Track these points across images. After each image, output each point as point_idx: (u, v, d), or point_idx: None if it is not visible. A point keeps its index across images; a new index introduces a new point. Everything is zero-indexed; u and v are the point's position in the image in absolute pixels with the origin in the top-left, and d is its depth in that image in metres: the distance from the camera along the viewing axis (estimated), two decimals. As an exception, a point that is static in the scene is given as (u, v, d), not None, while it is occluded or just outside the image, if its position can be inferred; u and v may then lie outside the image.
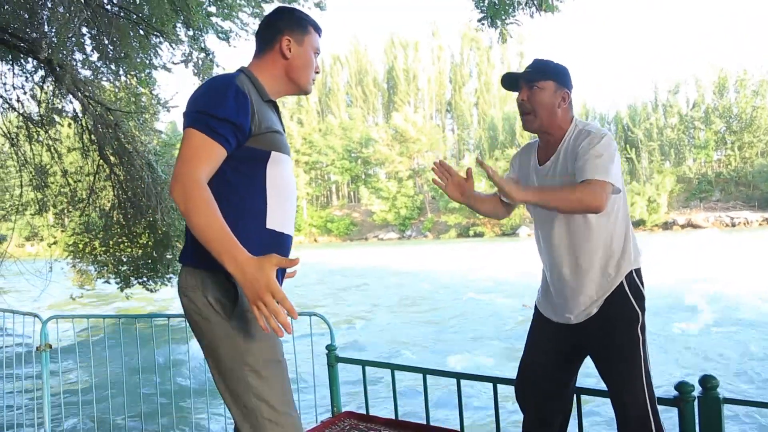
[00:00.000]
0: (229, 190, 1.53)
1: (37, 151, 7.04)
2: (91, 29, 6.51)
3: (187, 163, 1.42)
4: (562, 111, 2.06)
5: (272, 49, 1.71)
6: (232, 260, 1.34)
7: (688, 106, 63.21)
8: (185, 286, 1.55)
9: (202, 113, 1.48)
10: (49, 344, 3.05)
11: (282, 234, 1.61)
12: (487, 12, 3.55)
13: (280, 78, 1.72)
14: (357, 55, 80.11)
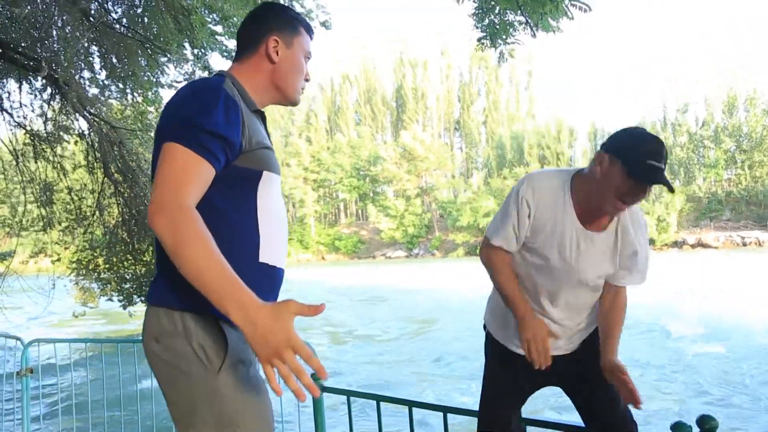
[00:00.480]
0: (217, 218, 1.28)
1: (43, 167, 7.07)
2: (99, 48, 6.57)
3: (172, 186, 1.18)
4: None
5: (257, 51, 1.48)
6: (240, 308, 1.08)
7: (697, 124, 63.05)
8: (159, 331, 1.27)
9: (186, 124, 1.24)
10: (30, 369, 2.98)
11: (275, 268, 1.39)
12: (486, 32, 3.54)
13: (265, 85, 1.49)
14: (366, 74, 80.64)
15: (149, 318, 1.31)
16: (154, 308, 1.30)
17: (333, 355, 10.60)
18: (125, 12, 6.68)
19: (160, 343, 1.27)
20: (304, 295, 23.53)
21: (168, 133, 1.25)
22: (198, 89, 1.31)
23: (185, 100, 1.29)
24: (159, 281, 1.32)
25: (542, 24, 3.29)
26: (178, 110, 1.28)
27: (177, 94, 1.34)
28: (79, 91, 6.22)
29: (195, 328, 1.25)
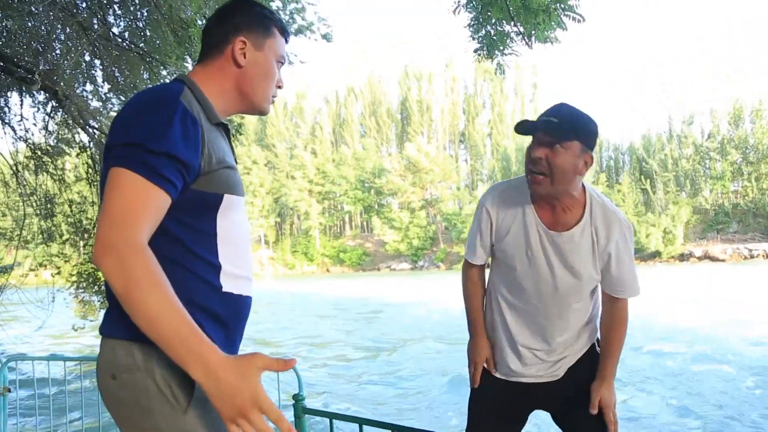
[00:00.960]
0: (173, 248, 1.15)
1: (44, 180, 7.07)
2: (101, 61, 6.59)
3: (120, 221, 1.02)
4: (580, 177, 1.74)
5: (222, 53, 1.31)
6: (200, 363, 0.98)
7: (703, 136, 62.92)
8: (115, 366, 1.12)
9: (135, 146, 1.07)
10: (7, 388, 2.91)
11: (241, 296, 1.25)
12: (483, 43, 3.51)
13: (230, 91, 1.32)
14: (371, 86, 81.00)
15: (104, 353, 1.16)
16: (109, 341, 1.15)
17: (319, 370, 10.45)
18: (127, 26, 6.71)
19: (117, 379, 1.12)
20: (304, 307, 23.46)
21: (115, 156, 1.08)
22: (151, 102, 1.14)
23: (135, 115, 1.12)
24: (113, 311, 1.16)
25: (537, 35, 3.26)
26: (127, 128, 1.11)
27: (127, 106, 1.16)
28: (79, 104, 6.22)
29: (157, 361, 1.09)
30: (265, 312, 21.14)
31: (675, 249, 55.30)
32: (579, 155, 1.67)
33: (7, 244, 7.83)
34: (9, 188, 7.69)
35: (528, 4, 3.06)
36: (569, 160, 1.65)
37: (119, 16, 6.59)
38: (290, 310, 22.75)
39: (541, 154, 1.66)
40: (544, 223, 1.81)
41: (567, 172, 1.67)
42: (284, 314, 21.07)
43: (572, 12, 3.20)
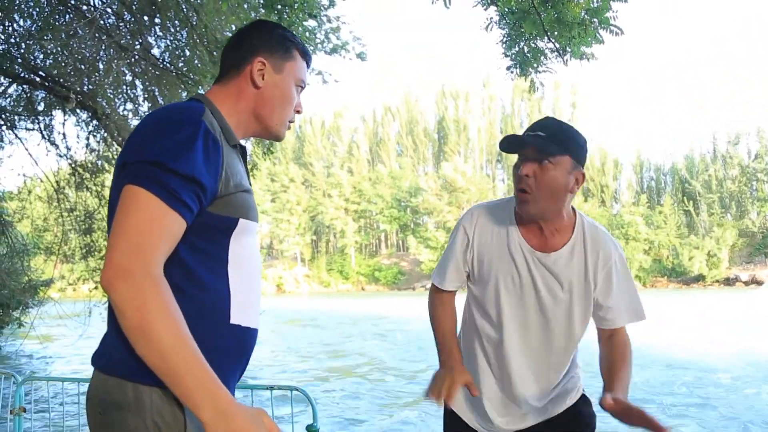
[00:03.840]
0: (183, 274, 1.09)
1: (84, 197, 7.24)
2: (142, 81, 6.76)
3: (137, 246, 0.97)
4: (570, 196, 1.60)
5: (240, 73, 1.27)
6: (212, 404, 0.95)
7: (749, 157, 61.13)
8: (103, 402, 1.07)
9: (154, 165, 1.02)
10: (23, 407, 2.91)
11: (248, 329, 1.20)
12: (516, 60, 3.43)
13: (246, 113, 1.27)
14: (408, 105, 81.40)
15: (95, 384, 1.11)
16: (101, 375, 1.10)
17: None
18: (166, 47, 6.87)
19: (104, 416, 1.07)
20: (328, 324, 23.41)
21: (132, 173, 1.03)
22: (171, 119, 1.09)
23: (155, 132, 1.07)
24: (110, 342, 1.11)
25: (573, 50, 3.15)
26: (145, 145, 1.05)
27: (148, 120, 1.12)
28: (119, 123, 6.37)
29: (150, 402, 1.04)
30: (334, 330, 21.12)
31: (720, 273, 53.55)
32: (570, 171, 1.55)
33: (46, 260, 8.02)
34: (51, 204, 7.90)
35: (562, 17, 2.96)
36: (559, 177, 1.53)
37: (159, 38, 6.76)
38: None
39: (529, 171, 1.54)
40: (530, 245, 1.66)
41: (557, 190, 1.55)
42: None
43: (608, 25, 3.09)
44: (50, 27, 5.74)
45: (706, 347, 13.98)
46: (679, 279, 55.92)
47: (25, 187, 8.26)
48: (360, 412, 8.77)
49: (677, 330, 17.48)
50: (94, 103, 6.09)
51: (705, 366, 11.67)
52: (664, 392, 9.30)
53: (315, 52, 6.97)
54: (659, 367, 11.23)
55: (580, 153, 1.58)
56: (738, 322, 20.10)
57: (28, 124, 7.29)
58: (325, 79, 7.01)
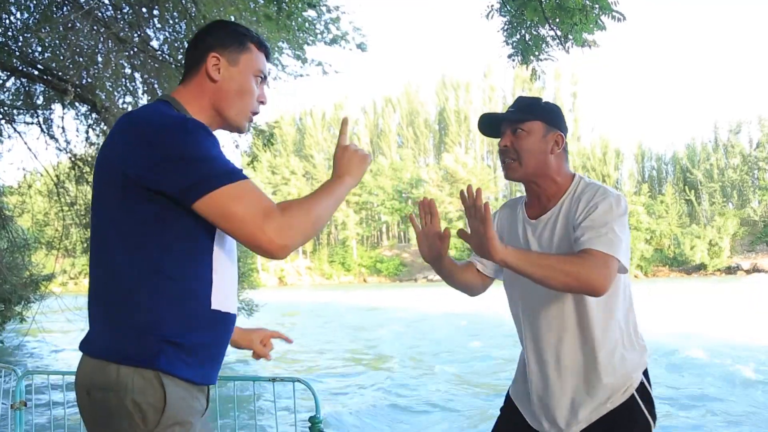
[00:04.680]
0: (174, 262, 1.19)
1: (84, 191, 7.22)
2: (142, 74, 6.72)
3: (258, 218, 1.13)
4: (555, 158, 1.69)
5: (198, 71, 1.34)
6: (345, 186, 1.33)
7: (751, 146, 60.97)
8: (90, 384, 1.18)
9: (204, 164, 1.14)
10: (24, 402, 2.92)
11: (228, 314, 1.29)
12: (518, 48, 3.39)
13: (207, 109, 1.34)
14: (408, 96, 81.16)
15: (83, 368, 1.22)
16: (87, 358, 1.21)
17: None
18: (165, 39, 6.82)
19: (91, 396, 1.17)
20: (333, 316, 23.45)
21: (191, 188, 1.13)
22: (167, 124, 1.18)
23: (173, 140, 1.16)
24: (95, 328, 1.23)
25: (575, 37, 3.11)
26: (175, 153, 1.14)
27: (137, 132, 1.19)
28: (118, 116, 6.32)
29: (132, 383, 1.14)
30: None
31: (721, 261, 53.55)
32: (544, 135, 1.69)
33: (47, 254, 8.01)
34: (51, 198, 7.89)
35: (563, 3, 2.92)
36: (534, 141, 1.68)
37: (158, 29, 6.71)
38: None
39: (507, 141, 1.70)
40: (529, 216, 1.78)
41: (534, 153, 1.67)
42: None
43: (610, 10, 3.04)
44: (48, 19, 5.69)
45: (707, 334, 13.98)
46: (681, 268, 55.92)
47: (25, 182, 8.24)
48: (363, 404, 8.78)
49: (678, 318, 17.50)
50: (93, 96, 6.05)
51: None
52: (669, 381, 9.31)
53: (314, 42, 6.91)
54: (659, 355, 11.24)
55: (551, 117, 1.71)
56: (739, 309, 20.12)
57: (26, 117, 7.26)
58: (325, 70, 6.96)
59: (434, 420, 7.75)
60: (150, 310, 1.16)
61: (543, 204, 1.73)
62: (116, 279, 1.18)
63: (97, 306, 1.23)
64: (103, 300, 1.21)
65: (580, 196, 1.65)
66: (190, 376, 1.19)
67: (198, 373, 1.21)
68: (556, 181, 1.71)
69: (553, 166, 1.70)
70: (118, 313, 1.18)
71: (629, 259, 1.58)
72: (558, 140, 1.70)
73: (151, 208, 1.16)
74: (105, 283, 1.21)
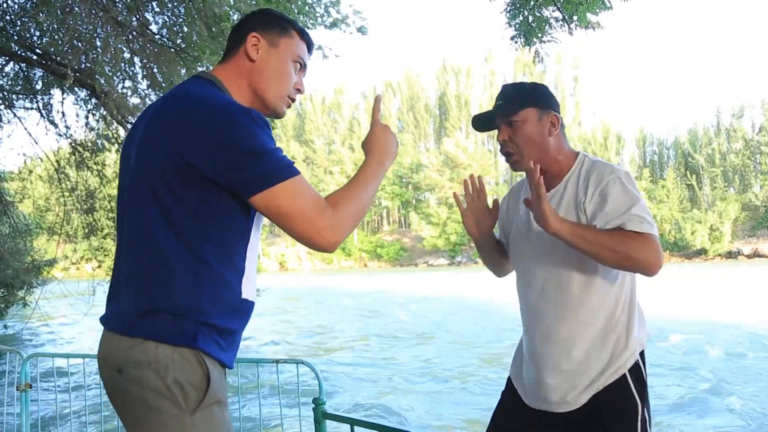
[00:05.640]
0: (214, 253, 1.20)
1: (85, 176, 7.20)
2: (141, 58, 6.67)
3: (310, 213, 1.16)
4: (555, 139, 1.70)
5: (238, 50, 1.35)
6: (383, 168, 1.38)
7: (753, 130, 60.68)
8: (123, 360, 1.14)
9: (261, 158, 1.15)
10: (29, 384, 2.94)
11: (252, 303, 1.31)
12: (520, 29, 3.35)
13: (245, 89, 1.34)
14: (409, 81, 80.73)
15: (111, 346, 1.18)
16: (117, 336, 1.18)
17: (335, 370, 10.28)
18: (164, 23, 6.76)
19: (123, 373, 1.14)
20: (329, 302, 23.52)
21: (250, 181, 1.15)
22: (231, 111, 1.17)
23: (236, 130, 1.15)
24: (128, 306, 1.19)
25: (579, 18, 3.07)
26: (238, 145, 1.14)
27: (196, 116, 1.16)
28: (118, 101, 6.30)
29: (172, 362, 1.13)
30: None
31: (722, 246, 53.55)
32: (539, 119, 1.68)
33: (48, 239, 8.02)
34: (52, 184, 7.88)
35: (569, -17, 2.89)
36: (530, 129, 1.68)
37: (156, 13, 6.65)
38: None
39: (505, 135, 1.71)
40: None
41: (533, 141, 1.68)
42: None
43: (616, -11, 3.01)
44: (45, 3, 5.63)
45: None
46: (682, 253, 55.96)
47: (26, 167, 8.23)
48: (365, 385, 8.85)
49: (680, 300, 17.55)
50: (93, 80, 6.01)
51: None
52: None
53: (315, 26, 6.84)
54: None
55: (541, 100, 1.70)
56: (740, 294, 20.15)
57: (26, 103, 7.23)
58: (325, 54, 6.89)
59: (440, 400, 7.81)
60: (188, 295, 1.16)
61: (547, 182, 1.70)
62: (156, 262, 1.17)
63: (132, 286, 1.20)
64: (140, 280, 1.19)
65: (587, 175, 1.64)
66: (222, 357, 1.20)
67: (227, 357, 1.23)
68: (559, 161, 1.72)
69: (554, 146, 1.71)
70: (157, 294, 1.16)
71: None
72: (554, 121, 1.70)
73: (201, 195, 1.16)
74: (142, 264, 1.18)
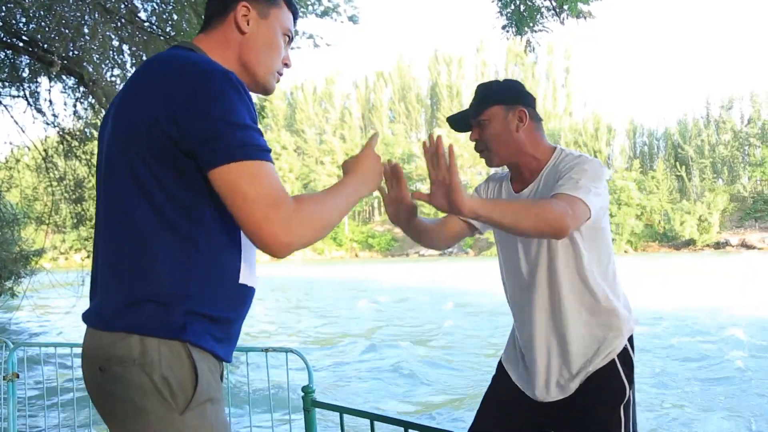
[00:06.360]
0: (202, 232, 1.09)
1: (73, 165, 7.14)
2: (129, 46, 6.59)
3: (268, 205, 1.00)
4: (525, 134, 1.68)
5: (225, 19, 1.22)
6: (359, 190, 1.24)
7: (742, 122, 61.10)
8: (107, 357, 1.04)
9: (233, 132, 1.02)
10: (16, 373, 2.92)
11: (252, 288, 1.21)
12: (511, 18, 3.34)
13: (233, 61, 1.22)
14: (400, 71, 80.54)
15: (93, 341, 1.08)
16: (98, 332, 1.07)
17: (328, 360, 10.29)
18: (153, 10, 6.69)
19: (106, 372, 1.03)
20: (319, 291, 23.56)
21: (213, 151, 1.01)
22: (203, 78, 1.04)
23: (198, 97, 1.02)
24: (110, 299, 1.08)
25: (570, 7, 3.07)
26: (200, 116, 1.02)
27: (167, 80, 1.05)
28: (106, 89, 6.23)
29: (159, 356, 1.02)
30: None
31: (710, 237, 54.03)
32: (505, 116, 1.69)
33: (36, 229, 7.95)
34: (40, 173, 7.80)
35: (560, -29, 2.88)
36: (497, 127, 1.69)
37: (145, 1, 6.57)
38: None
39: (475, 135, 1.73)
40: (514, 190, 1.79)
41: (502, 138, 1.69)
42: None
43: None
44: (31, -11, 5.55)
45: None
46: (670, 243, 56.41)
47: (13, 156, 8.14)
48: (353, 374, 8.86)
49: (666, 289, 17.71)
50: (80, 68, 5.94)
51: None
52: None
53: (306, 14, 6.80)
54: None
55: (508, 97, 1.70)
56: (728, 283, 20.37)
57: (12, 91, 7.13)
58: (316, 43, 6.86)
59: (428, 388, 7.84)
60: (174, 281, 1.05)
61: (526, 178, 1.74)
62: (137, 246, 1.06)
63: (111, 276, 1.09)
64: (119, 269, 1.08)
65: (558, 165, 1.66)
66: (217, 350, 1.10)
67: (222, 349, 1.13)
68: (536, 157, 1.71)
69: (526, 141, 1.70)
70: (139, 283, 1.05)
71: (607, 220, 1.64)
72: (521, 116, 1.68)
73: (184, 165, 1.04)
74: (121, 250, 1.08)
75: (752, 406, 6.72)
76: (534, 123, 1.71)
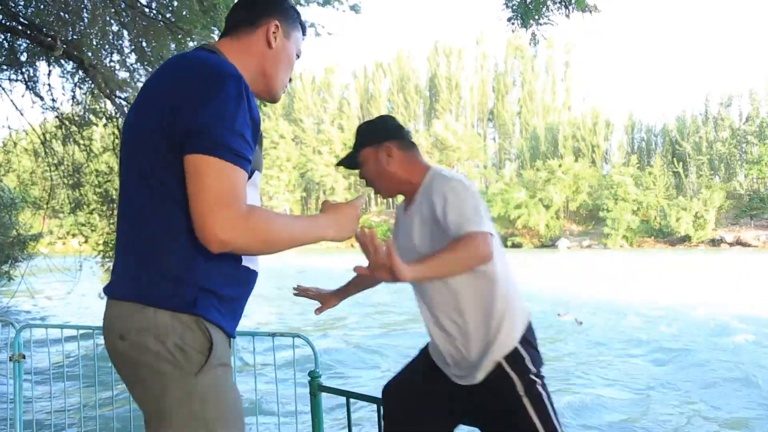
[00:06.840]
0: None
1: (71, 151, 7.11)
2: (129, 31, 6.55)
3: (224, 206, 1.08)
4: (396, 165, 1.85)
5: (254, 30, 1.34)
6: (322, 232, 1.27)
7: (741, 119, 61.16)
8: (126, 327, 1.15)
9: (217, 130, 1.10)
10: (22, 354, 2.93)
11: (255, 272, 1.32)
12: (517, 11, 3.33)
13: (254, 70, 1.34)
14: (400, 62, 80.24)
15: (114, 312, 1.19)
16: (120, 303, 1.18)
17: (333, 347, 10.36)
18: (154, -5, 6.64)
19: (126, 340, 1.14)
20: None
21: (197, 142, 1.10)
22: (212, 76, 1.13)
23: (203, 91, 1.12)
24: (129, 272, 1.19)
25: (577, 1, 3.05)
26: (199, 108, 1.11)
27: (181, 75, 1.15)
28: (106, 74, 6.20)
29: (171, 328, 1.13)
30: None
31: (706, 234, 54.20)
32: (376, 156, 1.84)
33: (34, 213, 7.93)
34: (38, 158, 7.77)
35: (569, -36, 2.86)
36: (371, 167, 1.86)
37: (146, -15, 6.52)
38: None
39: (361, 175, 1.91)
40: (405, 211, 1.94)
41: (380, 174, 1.86)
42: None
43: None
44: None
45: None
46: (666, 239, 56.59)
47: (10, 140, 8.09)
48: (359, 360, 8.91)
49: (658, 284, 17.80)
50: (80, 53, 5.90)
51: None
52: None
53: (308, 3, 6.76)
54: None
55: (372, 137, 1.86)
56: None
57: (11, 74, 7.08)
58: (318, 32, 6.82)
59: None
60: (185, 260, 1.14)
61: (410, 200, 1.90)
62: (152, 229, 1.16)
63: (129, 253, 1.20)
64: (136, 247, 1.19)
65: (428, 189, 1.78)
66: (223, 324, 1.20)
67: (228, 324, 1.22)
68: (411, 181, 1.86)
69: (397, 171, 1.85)
70: (154, 260, 1.15)
71: (493, 227, 1.74)
72: (388, 152, 1.83)
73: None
74: (139, 231, 1.18)
75: (751, 404, 6.79)
76: (403, 152, 1.85)
